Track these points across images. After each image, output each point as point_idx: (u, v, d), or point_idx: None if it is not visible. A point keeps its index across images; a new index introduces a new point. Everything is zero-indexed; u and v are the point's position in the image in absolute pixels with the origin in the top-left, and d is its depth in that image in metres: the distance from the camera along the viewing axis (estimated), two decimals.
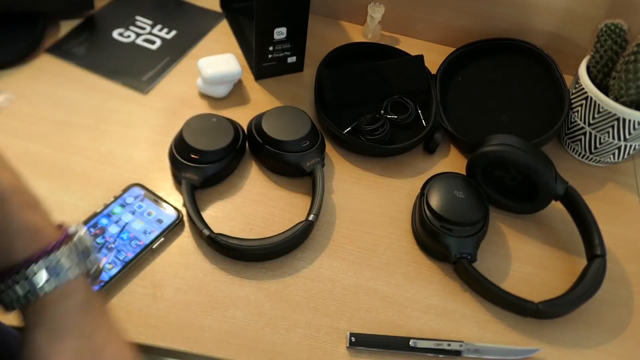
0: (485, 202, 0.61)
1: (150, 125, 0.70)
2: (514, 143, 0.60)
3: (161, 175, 0.65)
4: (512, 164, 0.60)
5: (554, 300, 0.57)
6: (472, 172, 0.64)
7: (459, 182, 0.62)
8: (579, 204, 0.62)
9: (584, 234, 0.62)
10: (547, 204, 0.63)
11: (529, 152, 0.60)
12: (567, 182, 0.62)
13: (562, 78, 0.74)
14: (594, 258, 0.60)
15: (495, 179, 0.65)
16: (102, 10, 0.85)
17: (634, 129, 0.66)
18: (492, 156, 0.61)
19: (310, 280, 0.58)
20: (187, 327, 0.53)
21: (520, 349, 0.55)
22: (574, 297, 0.57)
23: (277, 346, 0.53)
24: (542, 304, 0.56)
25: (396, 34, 0.89)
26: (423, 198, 0.61)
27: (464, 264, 0.58)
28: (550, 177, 0.60)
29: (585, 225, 0.62)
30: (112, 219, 0.59)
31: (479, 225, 0.60)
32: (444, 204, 0.60)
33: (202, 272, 0.58)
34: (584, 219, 0.62)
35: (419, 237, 0.62)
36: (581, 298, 0.57)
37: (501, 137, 0.62)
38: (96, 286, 0.53)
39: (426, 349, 0.54)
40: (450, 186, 0.62)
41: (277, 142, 0.64)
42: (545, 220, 0.67)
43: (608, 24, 0.66)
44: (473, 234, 0.59)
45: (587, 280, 0.58)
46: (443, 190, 0.61)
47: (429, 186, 0.62)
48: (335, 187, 0.67)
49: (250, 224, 0.62)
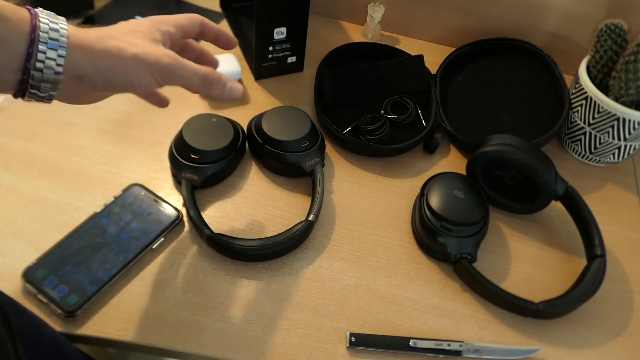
0: (485, 202, 0.61)
1: (150, 125, 0.70)
2: (514, 143, 0.60)
3: (161, 175, 0.65)
4: (512, 164, 0.60)
5: (554, 301, 0.57)
6: (472, 172, 0.64)
7: (459, 182, 0.62)
8: (579, 204, 0.62)
9: (584, 234, 0.62)
10: (547, 204, 0.63)
11: (529, 152, 0.60)
12: (567, 182, 0.62)
13: (562, 78, 0.74)
14: (594, 258, 0.60)
15: (495, 179, 0.65)
16: (102, 10, 0.85)
17: (634, 129, 0.66)
18: (492, 156, 0.61)
19: (310, 280, 0.58)
20: (187, 327, 0.53)
21: (520, 349, 0.55)
22: (574, 297, 0.57)
23: (277, 346, 0.53)
24: (542, 304, 0.56)
25: (396, 34, 0.89)
26: (423, 198, 0.61)
27: (464, 264, 0.58)
28: (550, 177, 0.60)
29: (585, 225, 0.62)
30: (112, 219, 0.59)
31: (479, 225, 0.60)
32: (444, 204, 0.60)
33: (202, 272, 0.58)
34: (583, 219, 0.62)
35: (419, 237, 0.62)
36: (581, 298, 0.56)
37: (501, 137, 0.62)
38: (95, 288, 0.54)
39: (426, 349, 0.54)
40: (450, 186, 0.62)
41: (277, 142, 0.64)
42: (545, 220, 0.67)
43: (608, 24, 0.66)
44: (473, 234, 0.59)
45: (587, 280, 0.58)
46: (443, 190, 0.61)
47: (429, 186, 0.62)
48: (335, 187, 0.67)
49: (250, 224, 0.62)
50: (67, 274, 0.54)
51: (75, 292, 0.53)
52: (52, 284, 0.53)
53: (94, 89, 0.41)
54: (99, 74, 0.39)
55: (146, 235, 0.58)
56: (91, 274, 0.54)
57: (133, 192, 0.62)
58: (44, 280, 0.53)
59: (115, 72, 0.40)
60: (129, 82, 0.41)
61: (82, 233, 0.57)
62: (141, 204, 0.61)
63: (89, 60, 0.38)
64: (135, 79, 0.41)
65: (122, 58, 0.40)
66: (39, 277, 0.53)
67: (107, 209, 0.60)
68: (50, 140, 0.67)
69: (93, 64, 0.39)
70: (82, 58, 0.38)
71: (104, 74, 0.39)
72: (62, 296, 0.52)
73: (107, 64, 0.39)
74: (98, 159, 0.66)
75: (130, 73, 0.40)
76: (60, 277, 0.54)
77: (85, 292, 0.53)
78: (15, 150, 0.65)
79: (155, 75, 0.42)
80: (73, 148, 0.66)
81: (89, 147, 0.67)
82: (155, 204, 0.61)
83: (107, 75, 0.39)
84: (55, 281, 0.53)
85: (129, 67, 0.40)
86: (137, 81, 0.41)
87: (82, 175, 0.64)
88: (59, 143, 0.67)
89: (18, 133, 0.67)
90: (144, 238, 0.58)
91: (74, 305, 0.52)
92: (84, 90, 0.41)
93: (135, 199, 0.61)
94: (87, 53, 0.38)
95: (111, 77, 0.40)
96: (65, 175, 0.64)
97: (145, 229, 0.58)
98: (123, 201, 0.60)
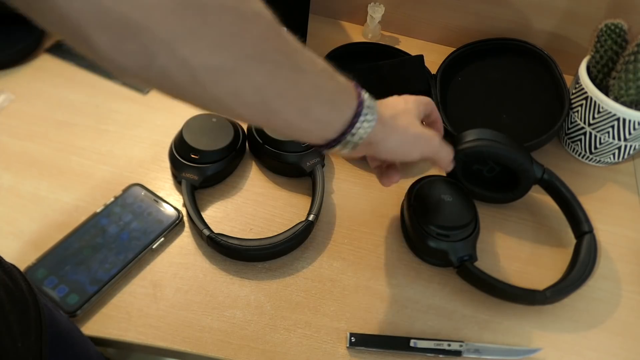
0: (472, 200, 0.61)
1: (150, 125, 0.70)
2: (488, 136, 0.60)
3: (161, 175, 0.65)
4: (491, 157, 0.60)
5: (558, 284, 0.57)
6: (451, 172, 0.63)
7: (443, 185, 0.61)
8: (558, 185, 0.62)
9: (568, 214, 0.63)
10: (528, 189, 0.63)
11: (504, 143, 0.59)
12: (542, 165, 0.62)
13: (562, 78, 0.74)
14: (582, 235, 0.60)
15: (473, 173, 0.64)
16: None
17: (634, 129, 0.66)
18: (471, 153, 0.60)
19: (310, 280, 0.58)
20: (187, 327, 0.53)
21: (520, 349, 0.55)
22: (576, 277, 0.57)
23: (277, 346, 0.53)
24: (549, 291, 0.56)
25: (396, 34, 0.89)
26: (411, 210, 0.60)
27: (468, 266, 0.57)
28: (528, 164, 0.60)
29: (567, 204, 0.62)
30: (112, 219, 0.59)
31: (472, 224, 0.59)
32: (436, 212, 0.58)
33: (202, 272, 0.58)
34: (564, 198, 0.62)
35: (415, 246, 0.61)
36: (582, 276, 0.57)
37: (474, 132, 0.60)
38: (95, 288, 0.54)
39: (426, 349, 0.54)
40: (436, 192, 0.60)
41: (277, 142, 0.64)
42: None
43: (608, 24, 0.66)
44: (469, 235, 0.58)
45: (583, 257, 0.58)
46: (431, 199, 0.60)
47: (414, 196, 0.60)
48: (335, 187, 0.67)
49: (250, 224, 0.62)
50: (67, 273, 0.54)
51: (75, 292, 0.53)
52: (52, 284, 0.53)
53: (376, 154, 0.48)
54: (386, 144, 0.47)
55: (146, 235, 0.58)
56: (91, 274, 0.54)
57: (133, 192, 0.62)
58: (44, 280, 0.53)
59: (399, 144, 0.48)
60: (404, 153, 0.49)
61: (82, 233, 0.57)
62: (141, 204, 0.61)
63: (382, 132, 0.45)
64: (409, 152, 0.50)
65: (406, 135, 0.48)
66: (39, 277, 0.53)
67: (107, 209, 0.60)
68: (50, 140, 0.67)
69: (385, 136, 0.46)
70: (379, 129, 0.44)
71: (390, 144, 0.47)
72: (62, 296, 0.52)
73: (395, 138, 0.47)
74: (98, 159, 0.66)
75: (408, 147, 0.49)
76: (60, 277, 0.54)
77: (86, 292, 0.53)
78: (15, 150, 0.65)
79: (425, 150, 0.51)
80: (73, 148, 0.66)
81: (89, 147, 0.67)
82: (155, 204, 0.61)
83: (391, 146, 0.47)
84: (56, 281, 0.53)
85: (409, 143, 0.49)
86: (409, 154, 0.50)
87: (82, 175, 0.64)
88: (59, 143, 0.67)
89: (18, 133, 0.67)
90: (144, 238, 0.58)
91: (74, 305, 0.52)
92: (367, 153, 0.48)
93: (135, 199, 0.61)
94: (382, 126, 0.45)
95: (394, 147, 0.48)
96: (65, 175, 0.64)
97: (145, 229, 0.58)
98: (123, 201, 0.60)
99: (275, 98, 0.37)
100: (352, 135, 0.43)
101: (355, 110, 0.42)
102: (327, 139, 0.43)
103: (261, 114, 0.38)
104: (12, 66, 0.74)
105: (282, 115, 0.38)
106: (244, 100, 0.36)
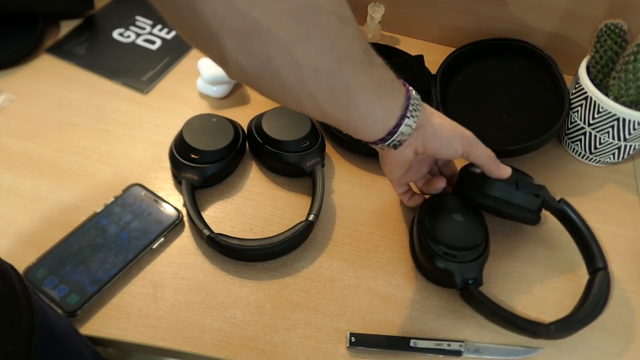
0: (485, 223, 0.59)
1: (150, 125, 0.70)
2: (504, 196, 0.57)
3: (161, 175, 0.65)
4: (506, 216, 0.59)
5: (565, 320, 0.54)
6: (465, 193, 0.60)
7: (456, 204, 0.59)
8: (574, 218, 0.60)
9: (583, 248, 0.60)
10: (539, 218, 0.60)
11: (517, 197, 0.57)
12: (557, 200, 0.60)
13: (562, 78, 0.74)
14: (596, 271, 0.58)
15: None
16: (102, 10, 0.85)
17: (634, 129, 0.66)
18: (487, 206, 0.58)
19: (310, 280, 0.58)
20: (187, 327, 0.53)
21: (520, 349, 0.55)
22: (585, 314, 0.54)
23: (277, 346, 0.53)
24: (554, 325, 0.53)
25: (396, 34, 0.89)
26: (420, 225, 0.58)
27: (471, 289, 0.55)
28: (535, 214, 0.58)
29: (582, 239, 0.60)
30: (112, 219, 0.59)
31: (482, 247, 0.57)
32: (445, 230, 0.57)
33: (202, 272, 0.58)
34: (580, 232, 0.60)
35: (420, 265, 0.60)
36: (592, 314, 0.54)
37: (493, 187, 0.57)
38: (95, 288, 0.54)
39: (426, 349, 0.54)
40: (448, 210, 0.58)
41: (277, 142, 0.64)
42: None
43: (608, 24, 0.66)
44: (477, 257, 0.56)
45: (594, 294, 0.56)
46: (441, 216, 0.58)
47: (424, 213, 0.59)
48: (335, 187, 0.67)
49: (250, 224, 0.62)
50: (67, 273, 0.54)
51: (75, 292, 0.53)
52: (52, 284, 0.53)
53: (425, 142, 0.51)
54: (430, 130, 0.50)
55: (146, 235, 0.58)
56: (91, 274, 0.54)
57: (133, 192, 0.62)
58: (44, 280, 0.53)
59: (438, 138, 0.51)
60: (444, 146, 0.52)
61: (82, 233, 0.57)
62: (141, 204, 0.61)
63: (425, 116, 0.49)
64: (450, 144, 0.52)
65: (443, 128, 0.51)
66: (39, 277, 0.53)
67: (107, 209, 0.60)
68: (50, 140, 0.67)
69: (428, 119, 0.50)
70: (423, 116, 0.48)
71: (429, 138, 0.50)
72: (62, 296, 0.52)
73: (436, 122, 0.51)
74: (98, 159, 0.66)
75: (448, 140, 0.52)
76: (60, 277, 0.54)
77: (86, 292, 0.53)
78: (15, 150, 0.65)
79: (465, 144, 0.53)
80: (73, 148, 0.66)
81: (89, 147, 0.67)
82: (155, 204, 0.61)
83: (434, 130, 0.50)
84: (56, 281, 0.53)
85: (450, 136, 0.52)
86: (450, 147, 0.52)
87: (82, 175, 0.64)
88: (59, 143, 0.67)
89: (18, 133, 0.67)
90: (144, 238, 0.58)
91: (74, 305, 0.52)
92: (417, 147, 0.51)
93: (136, 199, 0.61)
94: (424, 110, 0.49)
95: (437, 132, 0.51)
96: (65, 175, 0.64)
97: (145, 229, 0.58)
98: (123, 201, 0.60)
99: (359, 91, 0.41)
100: (407, 119, 0.47)
101: (406, 95, 0.47)
102: (389, 127, 0.47)
103: (344, 107, 0.42)
104: (12, 66, 0.74)
105: (361, 107, 0.43)
106: (335, 96, 0.40)
